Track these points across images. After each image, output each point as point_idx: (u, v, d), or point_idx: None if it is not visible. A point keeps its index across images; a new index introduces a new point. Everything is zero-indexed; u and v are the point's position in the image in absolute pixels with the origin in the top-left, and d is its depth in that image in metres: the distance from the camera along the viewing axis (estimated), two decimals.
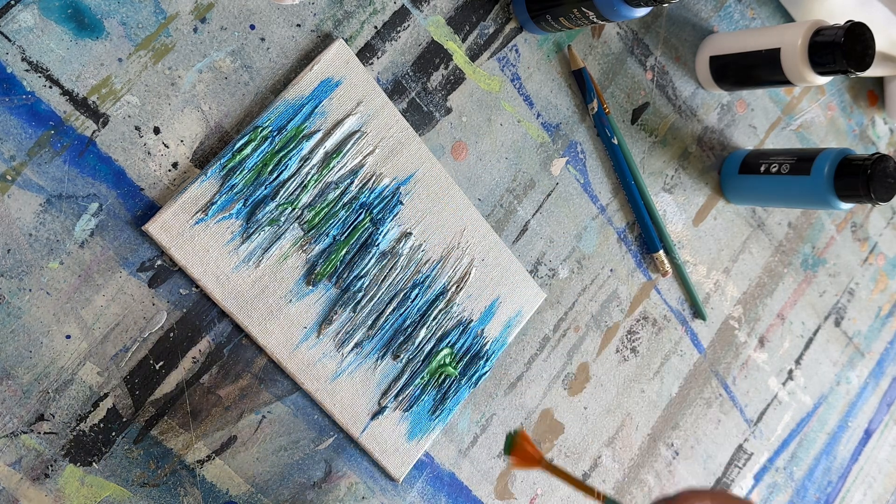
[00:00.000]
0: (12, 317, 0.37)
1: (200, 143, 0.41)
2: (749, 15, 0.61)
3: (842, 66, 0.51)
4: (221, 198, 0.41)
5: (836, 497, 0.70)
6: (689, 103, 0.59)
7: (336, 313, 0.44)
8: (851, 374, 0.71)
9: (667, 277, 0.58)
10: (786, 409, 0.66)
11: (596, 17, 0.45)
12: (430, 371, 0.47)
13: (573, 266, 0.54)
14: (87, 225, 0.38)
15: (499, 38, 0.50)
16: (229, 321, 0.42)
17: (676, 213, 0.58)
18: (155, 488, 0.40)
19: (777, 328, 0.65)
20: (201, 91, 0.41)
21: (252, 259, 0.42)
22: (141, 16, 0.39)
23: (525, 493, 0.52)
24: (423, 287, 0.47)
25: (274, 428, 0.43)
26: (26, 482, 0.37)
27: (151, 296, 0.40)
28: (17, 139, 0.37)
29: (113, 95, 0.39)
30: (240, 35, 0.42)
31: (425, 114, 0.48)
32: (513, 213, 0.51)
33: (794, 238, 0.65)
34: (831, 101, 0.67)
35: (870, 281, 0.71)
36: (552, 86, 0.52)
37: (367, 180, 0.45)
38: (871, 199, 0.52)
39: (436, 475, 0.49)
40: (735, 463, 0.63)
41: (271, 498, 0.43)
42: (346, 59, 0.44)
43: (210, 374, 0.42)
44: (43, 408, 0.38)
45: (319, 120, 0.43)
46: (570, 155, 0.53)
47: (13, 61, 0.37)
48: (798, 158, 0.55)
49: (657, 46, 0.57)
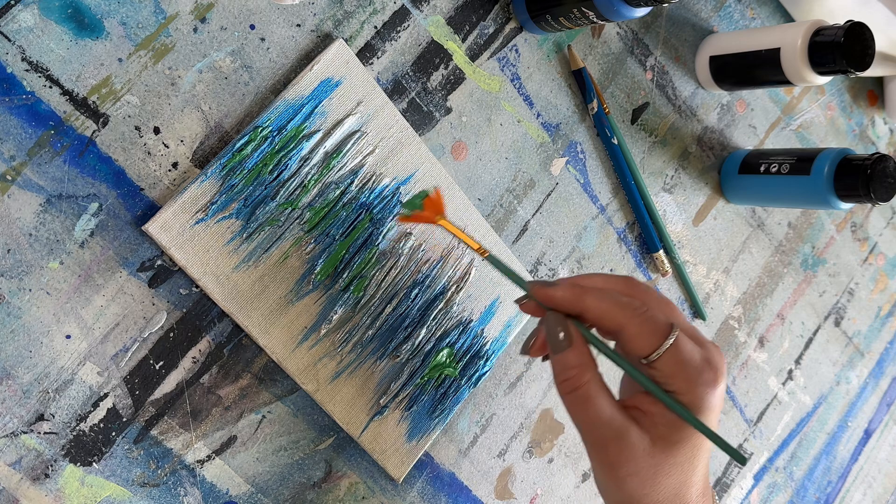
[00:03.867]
0: (12, 317, 0.37)
1: (200, 143, 0.41)
2: (749, 15, 0.62)
3: (842, 66, 0.51)
4: (221, 198, 0.41)
5: (836, 497, 0.70)
6: (689, 103, 0.59)
7: (336, 313, 0.44)
8: (851, 374, 0.71)
9: (667, 277, 0.58)
10: (786, 409, 0.66)
11: (596, 17, 0.45)
12: (429, 371, 0.47)
13: (573, 266, 0.54)
14: (87, 225, 0.38)
15: (499, 38, 0.50)
16: (229, 321, 0.42)
17: (676, 213, 0.59)
18: (155, 488, 0.40)
19: (777, 328, 0.65)
20: (201, 91, 0.41)
21: (252, 259, 0.42)
22: (141, 16, 0.39)
23: (525, 493, 0.52)
24: (423, 287, 0.47)
25: (274, 428, 0.43)
26: (26, 482, 0.37)
27: (151, 296, 0.40)
28: (17, 139, 0.37)
29: (113, 95, 0.39)
30: (240, 35, 0.42)
31: (425, 114, 0.48)
32: (513, 213, 0.51)
33: (794, 238, 0.65)
34: (831, 101, 0.67)
35: (870, 281, 0.71)
36: (552, 86, 0.52)
37: (367, 180, 0.45)
38: (871, 199, 0.52)
39: (436, 475, 0.49)
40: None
41: (271, 498, 0.43)
42: (346, 59, 0.44)
43: (210, 374, 0.42)
44: (43, 408, 0.38)
45: (319, 120, 0.43)
46: (570, 155, 0.53)
47: (13, 61, 0.37)
48: (798, 158, 0.55)
49: (657, 46, 0.57)
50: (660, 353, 0.35)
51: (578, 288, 0.37)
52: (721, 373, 0.36)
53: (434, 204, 0.41)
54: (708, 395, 0.35)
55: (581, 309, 0.36)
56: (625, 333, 0.36)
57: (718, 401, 0.36)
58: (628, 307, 0.35)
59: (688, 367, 0.35)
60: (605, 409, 0.36)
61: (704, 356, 0.36)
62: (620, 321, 0.35)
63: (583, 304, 0.36)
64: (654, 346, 0.35)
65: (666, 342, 0.35)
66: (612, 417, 0.35)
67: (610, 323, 0.36)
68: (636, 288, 0.38)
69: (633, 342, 0.35)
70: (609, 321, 0.36)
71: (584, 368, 0.36)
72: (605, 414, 0.36)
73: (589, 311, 0.36)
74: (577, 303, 0.36)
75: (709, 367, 0.35)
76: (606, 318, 0.36)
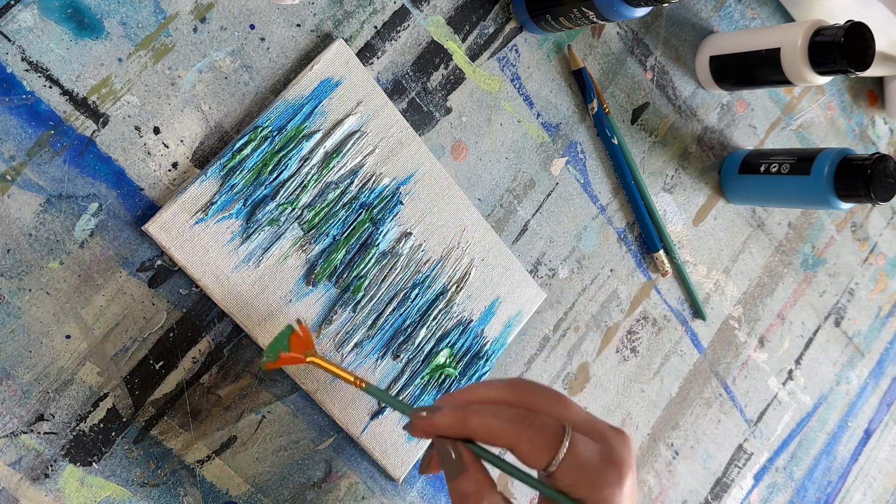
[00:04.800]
0: (12, 317, 0.37)
1: (200, 143, 0.41)
2: (749, 15, 0.62)
3: (842, 66, 0.51)
4: (221, 198, 0.41)
5: (836, 497, 0.70)
6: (689, 103, 0.59)
7: (336, 313, 0.44)
8: (851, 374, 0.71)
9: (667, 277, 0.58)
10: (786, 409, 0.66)
11: (596, 16, 0.45)
12: (430, 371, 0.47)
13: (573, 266, 0.54)
14: (87, 225, 0.38)
15: (499, 37, 0.50)
16: (229, 321, 0.42)
17: (676, 213, 0.58)
18: (155, 488, 0.40)
19: (777, 328, 0.65)
20: (201, 91, 0.41)
21: (252, 259, 0.42)
22: (141, 16, 0.39)
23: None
24: (423, 287, 0.47)
25: (274, 428, 0.43)
26: (26, 482, 0.37)
27: (151, 296, 0.40)
28: (17, 139, 0.37)
29: (113, 95, 0.39)
30: (240, 35, 0.42)
31: (425, 114, 0.48)
32: (513, 213, 0.51)
33: (794, 238, 0.65)
34: (831, 101, 0.67)
35: (870, 281, 0.71)
36: (552, 86, 0.52)
37: (367, 180, 0.45)
38: (871, 199, 0.52)
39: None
40: (735, 463, 0.63)
41: (271, 498, 0.43)
42: (346, 59, 0.44)
43: (210, 374, 0.42)
44: (43, 408, 0.38)
45: (319, 120, 0.43)
46: (570, 155, 0.53)
47: (13, 61, 0.37)
48: (798, 158, 0.55)
49: (657, 46, 0.57)
50: (556, 465, 0.33)
51: (461, 412, 0.35)
52: (625, 466, 0.35)
53: (301, 341, 0.38)
54: (615, 494, 0.34)
55: (467, 434, 0.35)
56: (518, 450, 0.34)
57: (629, 494, 0.35)
58: (515, 422, 0.34)
59: (588, 473, 0.34)
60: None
61: (604, 454, 0.34)
62: (510, 439, 0.34)
63: (468, 430, 0.35)
64: (548, 458, 0.33)
65: (559, 452, 0.33)
66: None
67: (500, 442, 0.34)
68: (521, 391, 0.36)
69: (526, 458, 0.34)
70: (498, 441, 0.34)
71: (481, 494, 0.35)
72: None
73: (475, 434, 0.35)
74: (462, 428, 0.35)
75: (610, 466, 0.34)
76: (495, 439, 0.34)
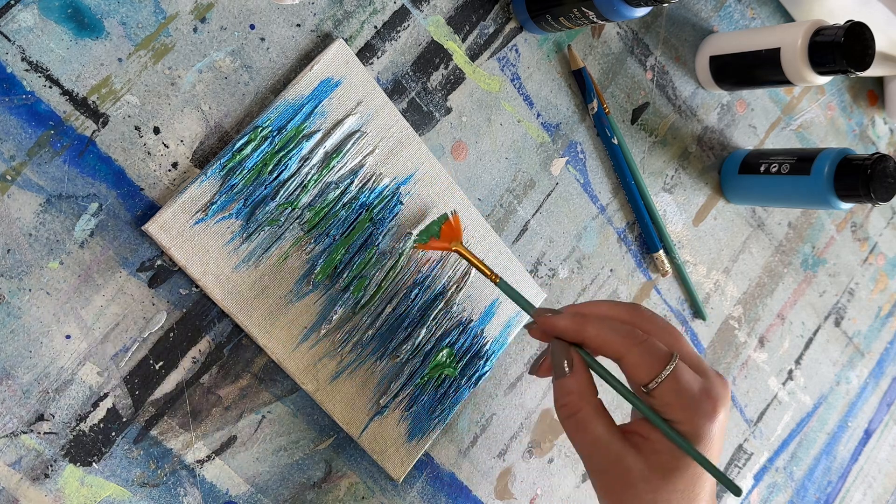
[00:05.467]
0: (12, 317, 0.37)
1: (200, 143, 0.41)
2: (749, 15, 0.61)
3: (842, 66, 0.51)
4: (221, 198, 0.41)
5: (836, 497, 0.70)
6: (689, 103, 0.59)
7: (336, 313, 0.44)
8: (851, 374, 0.71)
9: (667, 277, 0.58)
10: (786, 409, 0.66)
11: (596, 16, 0.45)
12: (429, 371, 0.47)
13: (573, 266, 0.54)
14: (87, 225, 0.38)
15: (499, 37, 0.50)
16: (229, 321, 0.42)
17: (676, 213, 0.58)
18: (155, 488, 0.40)
19: (777, 328, 0.65)
20: (201, 91, 0.41)
21: (252, 259, 0.42)
22: (141, 16, 0.39)
23: (525, 493, 0.52)
24: (423, 287, 0.47)
25: (274, 428, 0.43)
26: (26, 482, 0.37)
27: (151, 296, 0.40)
28: (17, 139, 0.37)
29: (113, 95, 0.39)
30: (240, 35, 0.42)
31: (425, 114, 0.48)
32: (513, 213, 0.51)
33: (794, 238, 0.65)
34: (831, 101, 0.67)
35: (870, 281, 0.71)
36: (552, 86, 0.52)
37: (367, 180, 0.45)
38: (871, 199, 0.52)
39: (436, 475, 0.49)
40: (735, 463, 0.63)
41: (271, 498, 0.43)
42: (346, 59, 0.44)
43: (210, 374, 0.42)
44: (43, 408, 0.38)
45: (319, 120, 0.43)
46: (570, 155, 0.53)
47: (13, 61, 0.37)
48: (798, 158, 0.55)
49: (657, 46, 0.57)
50: (658, 382, 0.35)
51: (580, 317, 0.38)
52: (721, 404, 0.36)
53: (452, 230, 0.41)
54: (706, 425, 0.36)
55: (582, 338, 0.38)
56: (625, 362, 0.36)
57: (718, 431, 0.36)
58: (628, 336, 0.36)
59: (685, 397, 0.36)
60: (601, 434, 0.36)
61: (704, 386, 0.36)
62: (620, 350, 0.36)
63: (584, 334, 0.38)
64: (652, 374, 0.36)
65: (664, 371, 0.35)
66: (609, 442, 0.36)
67: (610, 351, 0.37)
68: (639, 316, 0.39)
69: (632, 371, 0.36)
70: (609, 350, 0.37)
71: (582, 394, 0.37)
72: (601, 439, 0.36)
73: (590, 340, 0.37)
74: (579, 332, 0.38)
75: (707, 398, 0.36)
76: (607, 347, 0.37)
